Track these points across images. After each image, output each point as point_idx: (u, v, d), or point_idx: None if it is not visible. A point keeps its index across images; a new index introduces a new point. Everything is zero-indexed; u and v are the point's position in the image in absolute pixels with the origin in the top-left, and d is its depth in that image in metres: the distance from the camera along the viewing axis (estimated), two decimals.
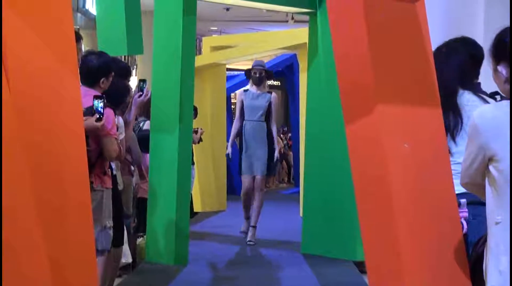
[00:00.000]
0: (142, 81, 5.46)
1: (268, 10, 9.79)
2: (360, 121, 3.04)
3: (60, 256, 2.81)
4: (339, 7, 3.22)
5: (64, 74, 2.93)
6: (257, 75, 8.05)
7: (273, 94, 8.21)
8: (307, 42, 7.65)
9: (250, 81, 8.18)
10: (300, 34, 9.83)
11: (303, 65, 10.22)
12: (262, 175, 7.94)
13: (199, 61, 9.86)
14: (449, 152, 3.25)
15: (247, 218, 8.09)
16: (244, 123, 8.04)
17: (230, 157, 8.33)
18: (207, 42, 12.10)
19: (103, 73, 4.54)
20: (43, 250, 2.70)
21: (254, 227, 7.95)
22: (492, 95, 3.39)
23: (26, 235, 2.65)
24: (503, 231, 2.44)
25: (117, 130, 4.65)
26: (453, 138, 3.30)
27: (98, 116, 4.15)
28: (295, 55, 12.25)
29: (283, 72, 14.21)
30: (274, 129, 8.07)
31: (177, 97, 6.46)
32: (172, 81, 6.51)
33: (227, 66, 12.33)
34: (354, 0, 3.05)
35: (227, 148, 8.26)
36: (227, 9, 14.53)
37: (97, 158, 4.42)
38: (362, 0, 3.05)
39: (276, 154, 8.13)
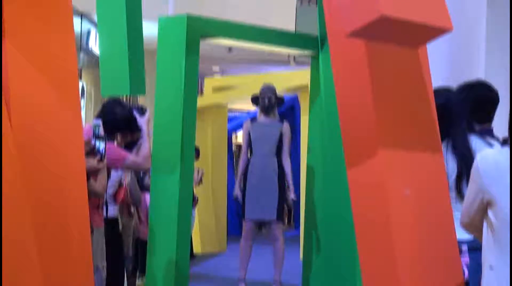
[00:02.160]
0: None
1: (269, 52, 9.87)
2: (362, 166, 3.05)
3: None
4: (342, 51, 3.25)
5: (66, 112, 2.95)
6: (266, 102, 7.08)
7: (285, 123, 7.20)
8: (309, 84, 7.68)
9: (258, 109, 7.19)
10: (301, 76, 9.89)
11: (304, 107, 10.26)
12: (275, 219, 6.83)
13: (200, 101, 9.90)
14: (463, 197, 3.24)
15: (244, 277, 7.02)
16: (251, 158, 7.03)
17: (239, 199, 7.10)
18: (209, 83, 12.18)
19: (122, 128, 4.63)
20: None
21: (279, 282, 6.91)
22: (506, 141, 3.39)
23: (26, 271, 2.65)
24: (495, 277, 2.45)
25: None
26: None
27: (99, 157, 4.17)
28: (296, 96, 12.31)
29: (284, 113, 14.26)
30: (287, 165, 7.03)
31: (179, 137, 6.46)
32: (174, 121, 6.52)
33: (229, 107, 12.39)
34: (356, 45, 3.09)
35: (234, 189, 7.22)
36: (230, 50, 14.64)
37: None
38: (364, 45, 3.09)
39: (292, 195, 7.13)
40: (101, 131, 4.27)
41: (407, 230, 2.99)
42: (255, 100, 7.29)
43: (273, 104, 7.16)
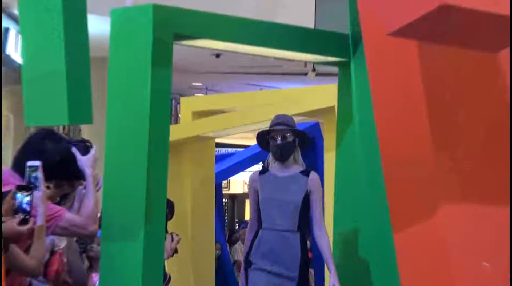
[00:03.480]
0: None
1: (277, 59, 9.87)
2: (414, 227, 3.05)
3: None
4: (382, 57, 3.27)
5: None
6: (279, 142, 6.62)
7: (313, 175, 6.72)
8: (336, 105, 7.68)
9: (270, 154, 6.81)
10: (324, 94, 9.90)
11: (329, 139, 10.25)
12: None
13: (175, 133, 9.91)
14: None
15: None
16: (260, 232, 6.59)
17: None
18: (187, 105, 12.21)
19: (55, 174, 4.65)
20: None
21: None
22: None
23: None
24: None
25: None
26: None
27: (23, 216, 4.19)
28: (316, 124, 12.33)
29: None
30: (323, 242, 6.56)
31: (143, 187, 6.46)
32: (135, 162, 6.52)
33: (217, 140, 12.40)
34: (403, 49, 3.11)
35: (239, 279, 6.95)
36: (217, 56, 14.68)
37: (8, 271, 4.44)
38: (417, 48, 3.10)
39: (333, 280, 6.50)
40: (40, 177, 4.34)
41: None
42: (262, 139, 6.86)
43: (290, 145, 6.69)
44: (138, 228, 6.48)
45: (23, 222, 4.21)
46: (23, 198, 4.23)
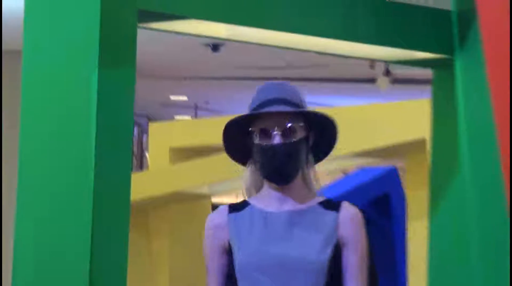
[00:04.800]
0: None
1: (320, 54, 9.83)
2: None
3: None
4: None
5: None
6: (276, 141, 5.35)
7: (346, 207, 5.44)
8: (428, 137, 7.70)
9: (248, 171, 5.75)
10: (407, 117, 9.97)
11: (415, 195, 10.32)
12: None
13: (141, 187, 9.97)
14: None
15: None
16: None
17: None
18: (161, 136, 12.32)
19: None
20: None
21: None
22: None
23: None
24: None
25: None
26: None
27: None
28: (393, 171, 12.43)
29: (363, 214, 14.43)
30: None
31: (83, 279, 6.49)
32: (71, 240, 6.55)
33: (214, 200, 12.50)
34: None
35: None
36: (215, 48, 14.75)
37: None
38: None
39: None
40: None
41: None
42: (235, 137, 5.83)
43: (301, 147, 5.56)
44: None
45: None
46: None
